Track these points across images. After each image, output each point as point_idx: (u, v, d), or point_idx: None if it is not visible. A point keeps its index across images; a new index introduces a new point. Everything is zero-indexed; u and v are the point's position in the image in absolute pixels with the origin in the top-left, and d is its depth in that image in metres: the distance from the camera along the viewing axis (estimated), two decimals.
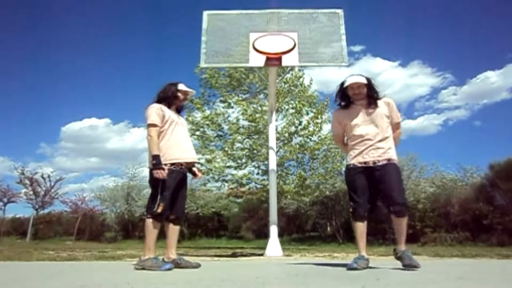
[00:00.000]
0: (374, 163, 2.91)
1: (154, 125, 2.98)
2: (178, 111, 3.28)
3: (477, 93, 32.96)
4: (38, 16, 37.02)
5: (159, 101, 3.14)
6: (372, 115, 3.00)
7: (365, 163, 2.96)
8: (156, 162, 2.89)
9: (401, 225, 2.84)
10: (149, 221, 2.90)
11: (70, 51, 39.19)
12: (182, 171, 3.06)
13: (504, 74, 30.82)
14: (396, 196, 2.81)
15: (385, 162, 2.90)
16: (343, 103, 3.16)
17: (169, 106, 3.14)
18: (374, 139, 2.96)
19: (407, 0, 36.64)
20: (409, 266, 2.64)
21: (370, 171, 2.92)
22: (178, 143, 3.05)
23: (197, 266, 2.99)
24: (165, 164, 2.92)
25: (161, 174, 2.87)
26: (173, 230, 3.11)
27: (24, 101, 38.26)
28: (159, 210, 2.86)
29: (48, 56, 37.88)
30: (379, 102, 3.03)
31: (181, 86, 3.21)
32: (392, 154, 2.95)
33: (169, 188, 2.91)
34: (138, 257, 3.17)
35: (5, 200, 20.47)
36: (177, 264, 2.96)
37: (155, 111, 3.02)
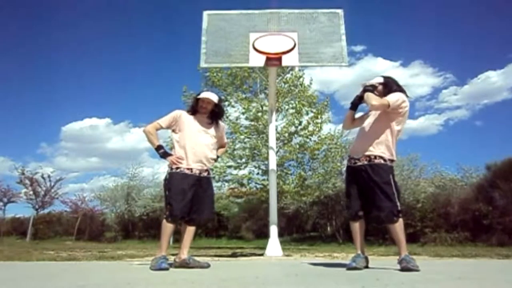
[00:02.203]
0: (355, 162, 2.92)
1: (157, 123, 3.22)
2: (212, 119, 3.32)
3: (478, 93, 32.93)
4: (38, 15, 36.98)
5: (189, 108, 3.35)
6: (371, 112, 3.01)
7: (349, 161, 3.01)
8: (163, 151, 3.15)
9: (393, 231, 2.76)
10: (163, 222, 3.04)
11: (71, 51, 39.16)
12: (191, 174, 3.09)
13: (505, 74, 30.76)
14: (378, 200, 2.74)
15: (365, 162, 2.84)
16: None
17: (195, 114, 3.27)
18: (359, 135, 3.01)
19: (408, 0, 36.63)
20: (406, 269, 2.56)
21: (356, 171, 2.91)
22: (188, 148, 3.12)
23: (207, 266, 3.03)
24: (171, 168, 3.09)
25: (175, 159, 3.08)
26: (187, 231, 3.17)
27: (24, 101, 38.19)
28: (167, 212, 3.00)
29: (49, 56, 37.82)
30: None
31: (201, 95, 3.30)
32: (375, 151, 2.83)
33: (173, 190, 3.00)
34: (138, 257, 3.19)
35: (5, 200, 20.48)
36: (186, 264, 3.01)
37: (170, 114, 3.24)
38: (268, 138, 6.56)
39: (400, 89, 3.02)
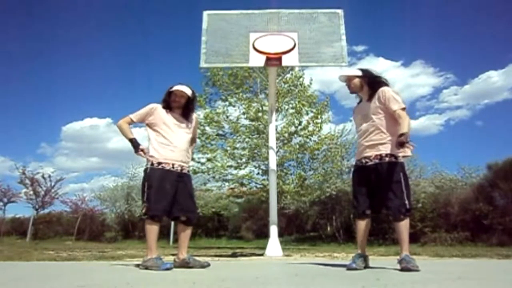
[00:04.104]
0: (366, 162, 2.87)
1: (128, 117, 3.17)
2: (186, 114, 3.24)
3: (479, 93, 32.86)
4: (38, 15, 36.95)
5: (162, 102, 3.23)
6: (368, 109, 2.93)
7: (359, 161, 2.95)
8: (133, 145, 3.13)
9: (398, 229, 2.75)
10: (146, 222, 2.99)
11: (71, 51, 39.07)
12: (173, 170, 3.05)
13: (506, 73, 30.66)
14: (386, 200, 2.72)
15: (377, 160, 2.80)
16: (357, 99, 3.14)
17: (170, 109, 3.18)
18: (365, 135, 2.90)
19: (410, 0, 36.59)
20: (406, 269, 2.55)
21: (366, 170, 2.87)
22: (167, 144, 3.08)
23: (207, 265, 3.01)
24: (152, 164, 3.03)
25: (143, 153, 3.08)
26: (184, 231, 3.15)
27: (24, 101, 38.14)
28: (144, 211, 2.96)
29: (49, 55, 37.71)
30: (376, 93, 2.90)
31: (174, 88, 3.17)
32: (385, 150, 2.79)
33: (154, 188, 2.95)
34: (138, 257, 3.19)
35: (5, 200, 20.48)
36: (186, 264, 3.00)
37: (145, 108, 3.18)
38: (268, 138, 6.56)
39: (379, 79, 2.99)
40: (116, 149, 37.40)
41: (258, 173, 10.42)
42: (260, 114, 9.87)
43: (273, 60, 5.64)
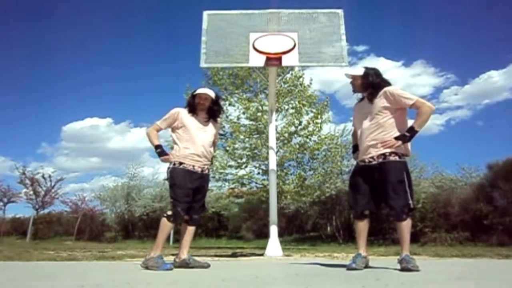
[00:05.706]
0: (370, 161, 2.85)
1: (156, 125, 3.28)
2: (210, 117, 3.31)
3: (479, 93, 32.83)
4: (38, 15, 36.92)
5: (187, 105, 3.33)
6: (371, 108, 2.91)
7: (362, 161, 2.92)
8: (159, 151, 3.21)
9: (399, 229, 2.74)
10: (163, 220, 3.02)
11: (71, 50, 39.05)
12: (194, 171, 3.10)
13: (507, 73, 30.58)
14: (389, 199, 2.71)
15: (380, 160, 2.78)
16: (359, 97, 3.14)
17: (194, 112, 3.24)
18: (368, 134, 2.88)
19: (410, 0, 36.58)
20: (406, 269, 2.54)
21: (370, 169, 2.85)
22: (189, 146, 3.14)
23: (207, 266, 3.03)
24: (174, 164, 3.09)
25: (166, 159, 3.17)
26: (188, 231, 3.18)
27: (24, 101, 38.14)
28: (172, 214, 2.99)
29: (49, 56, 37.69)
30: (380, 93, 2.88)
31: (198, 91, 3.29)
32: (389, 148, 2.77)
33: (177, 189, 3.02)
34: (138, 257, 3.19)
35: (5, 200, 20.50)
36: (186, 264, 3.02)
37: (169, 114, 3.26)
38: (268, 138, 6.56)
39: (383, 79, 3.00)
40: (116, 149, 37.45)
41: (258, 173, 10.42)
42: (260, 114, 9.87)
43: (273, 60, 5.64)
